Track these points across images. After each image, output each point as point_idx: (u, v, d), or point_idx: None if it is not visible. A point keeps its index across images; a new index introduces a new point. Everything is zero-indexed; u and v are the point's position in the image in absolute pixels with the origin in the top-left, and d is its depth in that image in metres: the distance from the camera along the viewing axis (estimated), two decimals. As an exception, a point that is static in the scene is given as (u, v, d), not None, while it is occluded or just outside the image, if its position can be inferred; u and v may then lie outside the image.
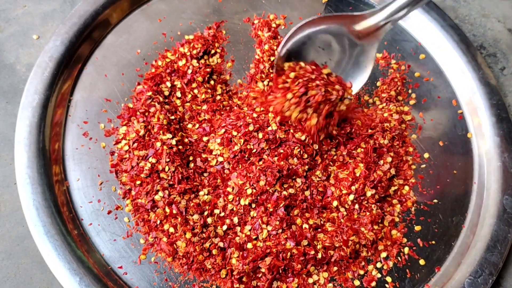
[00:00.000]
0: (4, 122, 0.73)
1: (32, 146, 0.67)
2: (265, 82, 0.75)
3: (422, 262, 0.66)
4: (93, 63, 0.77)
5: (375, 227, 0.66)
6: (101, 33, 0.79)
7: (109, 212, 0.67)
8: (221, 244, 0.64)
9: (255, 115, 0.69)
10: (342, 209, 0.67)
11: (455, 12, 0.88)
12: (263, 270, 0.62)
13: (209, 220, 0.65)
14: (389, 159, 0.69)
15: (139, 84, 0.75)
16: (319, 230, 0.66)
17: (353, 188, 0.67)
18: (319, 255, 0.63)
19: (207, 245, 0.63)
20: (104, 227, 0.66)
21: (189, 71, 0.74)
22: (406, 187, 0.70)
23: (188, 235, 0.63)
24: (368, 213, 0.67)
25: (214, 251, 0.63)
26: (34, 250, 0.63)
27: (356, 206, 0.67)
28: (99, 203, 0.67)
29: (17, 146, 0.67)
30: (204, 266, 0.63)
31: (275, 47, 0.78)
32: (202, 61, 0.76)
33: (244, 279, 0.62)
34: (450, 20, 0.81)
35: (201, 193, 0.67)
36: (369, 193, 0.67)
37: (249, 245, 0.63)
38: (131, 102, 0.73)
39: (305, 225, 0.65)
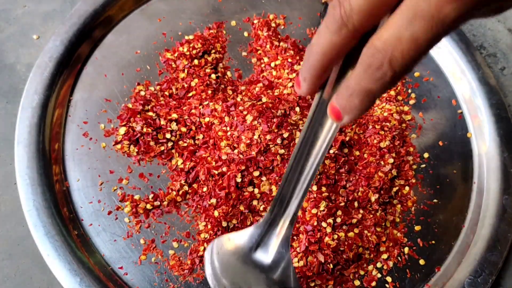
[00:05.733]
0: (4, 122, 0.73)
1: (32, 147, 0.67)
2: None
3: (422, 262, 0.66)
4: (92, 63, 0.77)
5: (378, 229, 0.66)
6: (101, 33, 0.79)
7: (109, 213, 0.67)
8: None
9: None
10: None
11: (455, 12, 0.88)
12: None
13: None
14: (391, 160, 0.69)
15: (138, 84, 0.75)
16: None
17: (356, 194, 0.67)
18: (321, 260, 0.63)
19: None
20: (104, 227, 0.66)
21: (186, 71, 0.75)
22: (407, 187, 0.70)
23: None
24: (371, 215, 0.67)
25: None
26: (34, 250, 0.63)
27: (361, 211, 0.67)
28: (99, 204, 0.67)
29: (17, 147, 0.67)
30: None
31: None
32: (203, 60, 0.76)
33: None
34: (450, 20, 0.81)
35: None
36: (373, 198, 0.67)
37: None
38: (130, 102, 0.73)
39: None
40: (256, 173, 0.64)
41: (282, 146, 0.65)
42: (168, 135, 0.70)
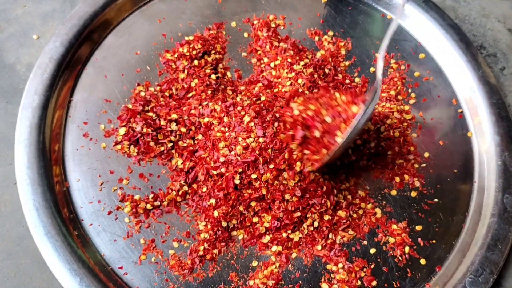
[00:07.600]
0: (4, 122, 0.73)
1: (32, 147, 0.67)
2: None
3: (423, 261, 0.66)
4: (93, 64, 0.77)
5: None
6: (100, 34, 0.79)
7: (109, 213, 0.67)
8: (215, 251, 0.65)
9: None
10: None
11: (455, 12, 0.88)
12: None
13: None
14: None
15: (138, 84, 0.75)
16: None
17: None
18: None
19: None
20: (104, 227, 0.66)
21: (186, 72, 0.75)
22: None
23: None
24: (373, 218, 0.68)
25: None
26: (34, 250, 0.63)
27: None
28: (99, 204, 0.67)
29: (17, 147, 0.67)
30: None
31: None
32: (203, 61, 0.76)
33: None
34: (449, 20, 0.81)
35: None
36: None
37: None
38: (130, 103, 0.73)
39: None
40: (254, 176, 0.65)
41: (277, 151, 0.66)
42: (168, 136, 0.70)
